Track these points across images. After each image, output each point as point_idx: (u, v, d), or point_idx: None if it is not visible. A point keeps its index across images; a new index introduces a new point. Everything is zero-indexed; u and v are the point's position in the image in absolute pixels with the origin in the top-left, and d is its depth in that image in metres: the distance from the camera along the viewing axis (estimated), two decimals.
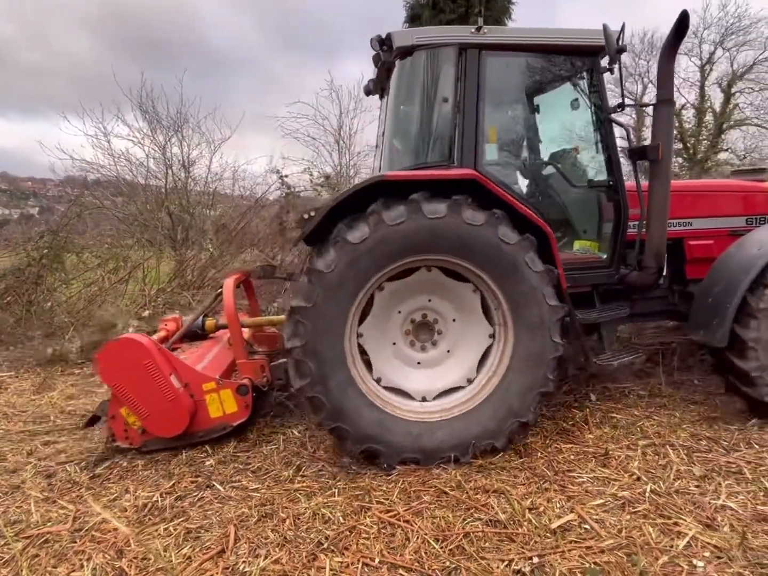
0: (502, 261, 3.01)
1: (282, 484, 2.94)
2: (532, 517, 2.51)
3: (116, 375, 3.21)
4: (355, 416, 3.01)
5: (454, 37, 3.39)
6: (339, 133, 13.27)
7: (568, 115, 3.95)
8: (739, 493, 2.70)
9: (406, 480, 2.92)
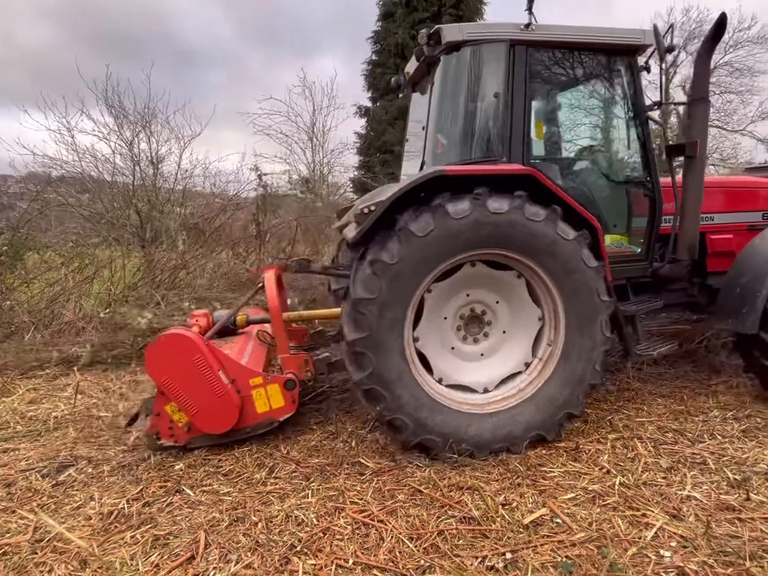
0: (558, 256, 3.07)
1: (254, 486, 2.89)
2: (505, 513, 2.53)
3: (165, 371, 3.13)
4: (413, 408, 3.03)
5: (504, 33, 3.39)
6: (312, 131, 13.19)
7: (605, 112, 4.04)
8: (704, 484, 2.78)
9: (381, 479, 2.91)
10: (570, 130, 4.22)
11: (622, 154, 4.07)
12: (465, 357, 3.38)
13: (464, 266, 3.20)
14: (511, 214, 2.94)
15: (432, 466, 3.02)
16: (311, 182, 11.33)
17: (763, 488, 2.71)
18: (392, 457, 3.19)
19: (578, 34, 3.51)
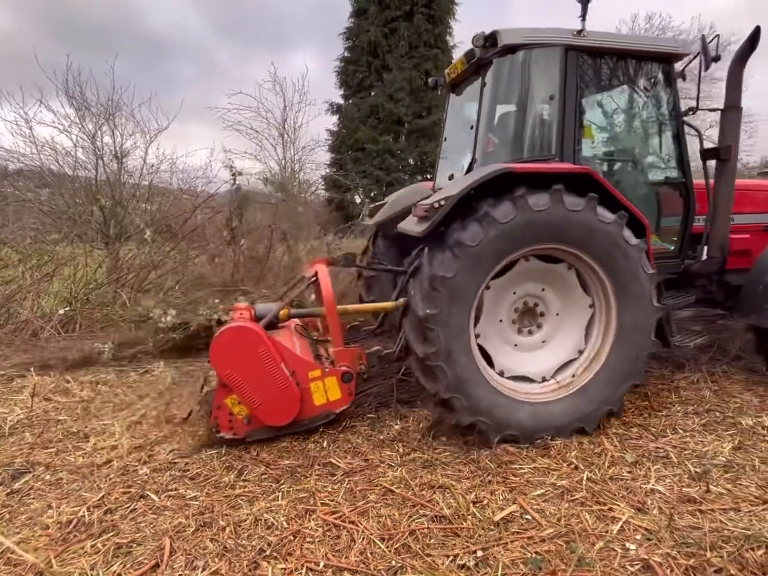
0: (619, 258, 3.25)
1: (222, 490, 2.82)
2: (476, 511, 2.55)
3: (230, 363, 3.13)
4: (471, 389, 3.16)
5: (559, 38, 3.57)
6: (283, 127, 13.02)
7: (644, 116, 4.20)
8: (667, 477, 2.86)
9: (352, 480, 2.89)
10: (611, 131, 4.39)
11: (658, 156, 4.23)
12: (521, 347, 3.57)
13: (519, 262, 3.37)
14: (583, 212, 3.13)
15: (404, 466, 3.02)
16: (287, 188, 11.19)
17: (722, 480, 2.81)
18: (364, 456, 3.17)
19: (624, 41, 3.78)
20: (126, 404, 4.02)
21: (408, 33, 14.18)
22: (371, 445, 3.31)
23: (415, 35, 14.20)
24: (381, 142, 14.22)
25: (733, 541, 2.22)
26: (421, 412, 3.80)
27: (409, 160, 15.03)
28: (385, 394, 4.14)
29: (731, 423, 3.50)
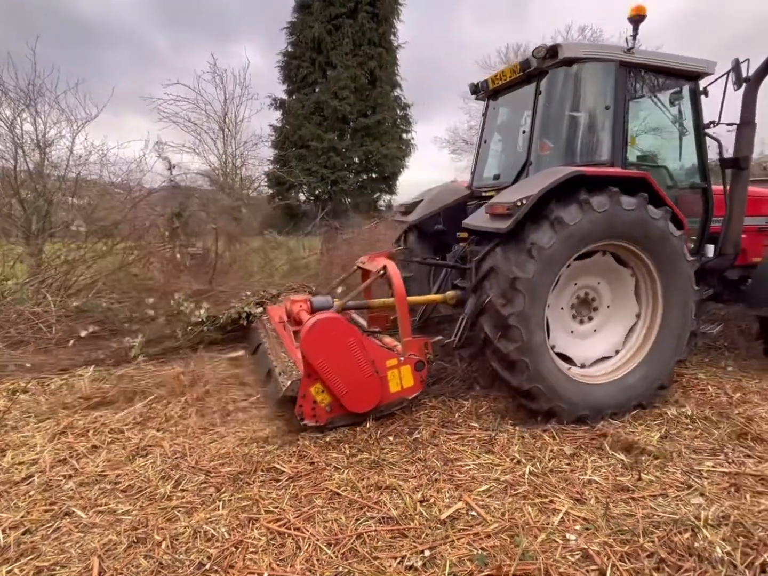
0: (667, 249, 3.68)
1: (157, 502, 2.66)
2: (423, 510, 2.55)
3: (321, 352, 3.26)
4: (549, 377, 3.48)
5: (613, 54, 3.97)
6: (224, 120, 12.57)
7: (673, 126, 4.53)
8: (602, 467, 2.99)
9: (298, 484, 2.81)
10: (647, 140, 4.71)
11: (683, 163, 4.64)
12: (569, 331, 3.91)
13: (597, 254, 3.76)
14: (638, 211, 3.51)
15: (350, 467, 2.98)
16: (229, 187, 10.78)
17: (652, 468, 2.97)
18: (310, 460, 3.09)
19: (662, 59, 4.19)
20: (48, 414, 3.72)
21: (352, 31, 14.11)
22: (317, 448, 3.24)
23: (360, 33, 14.15)
24: (326, 140, 14.07)
25: (663, 526, 2.35)
26: None
27: (354, 158, 14.97)
28: None
29: (658, 413, 3.72)
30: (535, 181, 3.61)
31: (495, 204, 3.57)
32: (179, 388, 4.11)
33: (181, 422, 3.63)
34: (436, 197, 5.08)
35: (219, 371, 4.57)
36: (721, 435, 3.35)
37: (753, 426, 3.44)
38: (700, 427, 3.49)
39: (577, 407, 3.55)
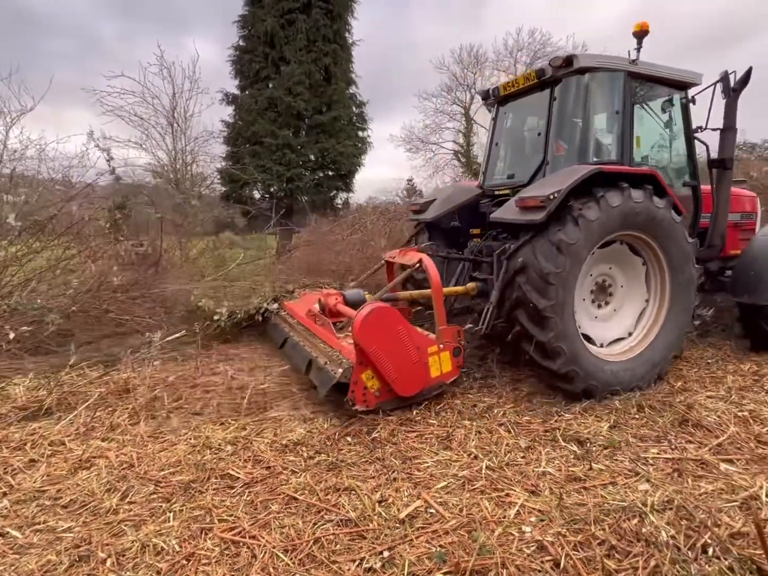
0: (670, 233, 4.13)
1: (102, 517, 2.52)
2: (381, 510, 2.53)
3: (375, 340, 3.44)
4: (582, 359, 3.83)
5: (621, 65, 4.39)
6: (173, 115, 12.09)
7: (667, 130, 4.98)
8: (555, 459, 3.07)
9: (253, 490, 2.73)
10: (645, 142, 4.97)
11: (676, 163, 5.09)
12: (590, 314, 4.28)
13: (614, 243, 4.16)
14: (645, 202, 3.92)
15: (308, 470, 2.92)
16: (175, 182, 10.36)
17: (602, 457, 3.08)
18: (266, 464, 3.02)
19: (660, 70, 4.64)
20: None
21: (306, 26, 13.88)
22: (274, 452, 3.17)
23: (314, 29, 13.95)
24: (280, 137, 13.79)
25: (613, 514, 2.43)
26: (328, 413, 3.73)
27: (309, 155, 14.76)
28: (291, 396, 4.01)
29: (606, 404, 3.86)
30: (559, 177, 3.95)
31: (527, 198, 3.87)
32: (126, 393, 3.92)
33: (129, 430, 3.46)
34: (450, 196, 5.42)
35: (173, 373, 4.38)
36: (665, 423, 3.51)
37: (693, 413, 3.62)
38: (646, 416, 3.64)
39: (609, 384, 3.94)
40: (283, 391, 4.11)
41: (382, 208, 13.07)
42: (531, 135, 5.10)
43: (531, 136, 5.10)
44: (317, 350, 4.12)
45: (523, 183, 4.71)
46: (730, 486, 2.70)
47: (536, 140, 4.84)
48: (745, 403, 3.83)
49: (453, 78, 28.04)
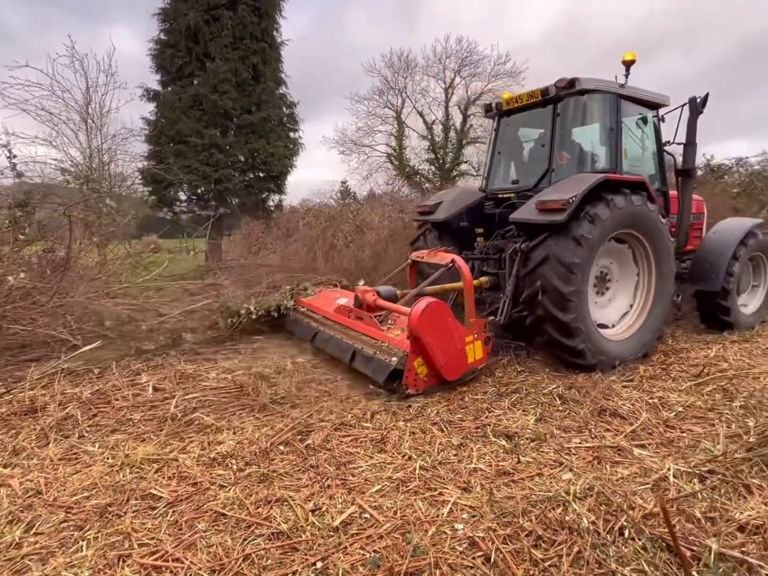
0: (657, 233, 5.00)
1: (2, 552, 2.27)
2: (315, 520, 2.47)
3: (430, 330, 3.87)
4: (594, 338, 4.57)
5: (613, 88, 5.13)
6: (87, 111, 11.27)
7: (642, 143, 5.66)
8: (486, 454, 3.15)
9: (178, 509, 2.58)
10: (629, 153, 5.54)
11: (650, 172, 5.77)
12: (595, 301, 4.93)
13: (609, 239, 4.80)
14: (642, 206, 4.75)
15: (237, 484, 2.80)
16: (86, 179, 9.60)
17: (529, 450, 3.20)
18: (192, 480, 2.86)
19: (640, 92, 5.39)
20: None
21: (233, 23, 13.42)
22: (201, 466, 3.01)
23: (240, 26, 13.49)
24: (207, 136, 13.22)
25: (539, 504, 2.53)
26: (260, 421, 3.60)
27: (239, 156, 14.28)
28: (220, 405, 3.84)
29: (533, 398, 4.03)
30: (572, 184, 4.58)
31: (548, 201, 4.47)
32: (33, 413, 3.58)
33: (36, 453, 3.17)
34: (457, 198, 5.94)
35: (88, 388, 4.05)
36: (585, 413, 3.72)
37: (610, 402, 3.86)
38: (569, 407, 3.84)
39: (613, 359, 4.67)
40: (211, 401, 3.93)
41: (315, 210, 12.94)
42: (534, 145, 5.78)
43: (534, 146, 5.78)
44: (360, 342, 4.46)
45: (529, 187, 5.38)
46: (643, 469, 2.90)
47: (540, 150, 5.48)
48: (654, 391, 4.14)
49: (384, 81, 28.34)
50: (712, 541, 2.15)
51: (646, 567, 2.05)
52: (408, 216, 10.56)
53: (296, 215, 13.51)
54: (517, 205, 5.16)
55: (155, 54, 14.13)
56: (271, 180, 15.31)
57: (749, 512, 2.39)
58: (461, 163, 28.53)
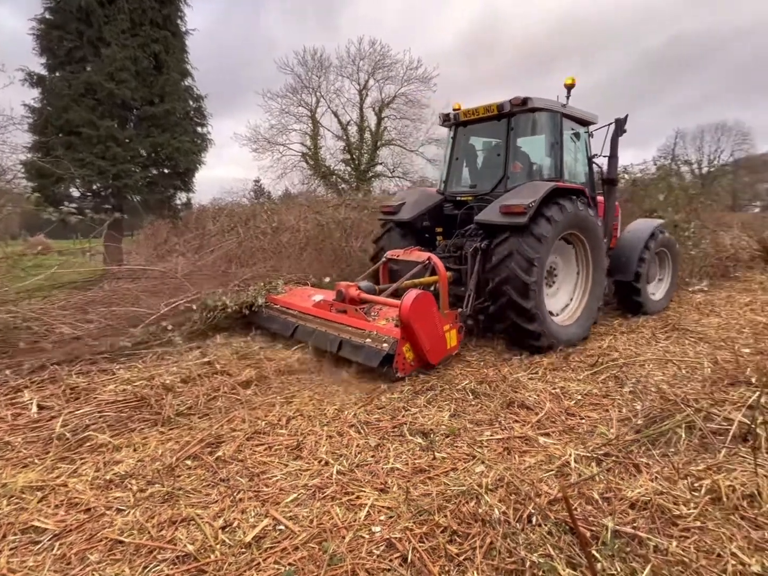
0: (594, 234, 5.77)
1: None
2: (225, 537, 2.33)
3: (419, 318, 4.29)
4: (548, 323, 5.25)
5: (558, 107, 5.88)
6: None
7: (576, 155, 6.45)
8: (403, 453, 3.17)
9: (66, 541, 2.31)
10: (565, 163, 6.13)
11: (582, 180, 6.51)
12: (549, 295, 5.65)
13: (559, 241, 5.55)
14: (585, 210, 5.57)
15: (138, 506, 2.57)
16: None
17: (444, 445, 3.27)
18: (84, 506, 2.58)
19: (577, 111, 6.17)
20: None
21: (130, 7, 12.45)
22: (95, 490, 2.74)
23: (140, 11, 12.54)
24: (102, 128, 12.11)
25: (454, 499, 2.58)
26: (164, 435, 3.34)
27: (140, 150, 13.29)
28: (118, 420, 3.52)
29: (448, 395, 4.13)
30: (528, 190, 5.25)
31: (511, 205, 5.09)
32: None
33: None
34: (419, 200, 6.49)
35: None
36: (496, 406, 3.88)
37: (518, 395, 4.06)
38: (481, 401, 3.99)
39: (561, 342, 5.34)
40: (108, 417, 3.59)
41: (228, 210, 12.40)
42: (489, 154, 6.46)
43: (489, 154, 6.46)
44: (346, 333, 4.73)
45: (486, 192, 6.01)
46: (548, 457, 3.07)
47: (495, 158, 6.15)
48: (557, 382, 4.42)
49: (298, 79, 27.89)
50: (608, 520, 2.31)
51: (552, 551, 2.16)
52: (322, 218, 10.47)
53: (206, 214, 12.88)
54: (475, 208, 5.92)
55: (39, 35, 12.74)
56: (177, 177, 14.42)
57: (639, 490, 2.61)
58: (377, 165, 28.86)
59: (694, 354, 5.11)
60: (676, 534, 2.28)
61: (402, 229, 6.49)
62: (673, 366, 4.72)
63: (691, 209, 11.22)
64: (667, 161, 16.31)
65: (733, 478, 2.68)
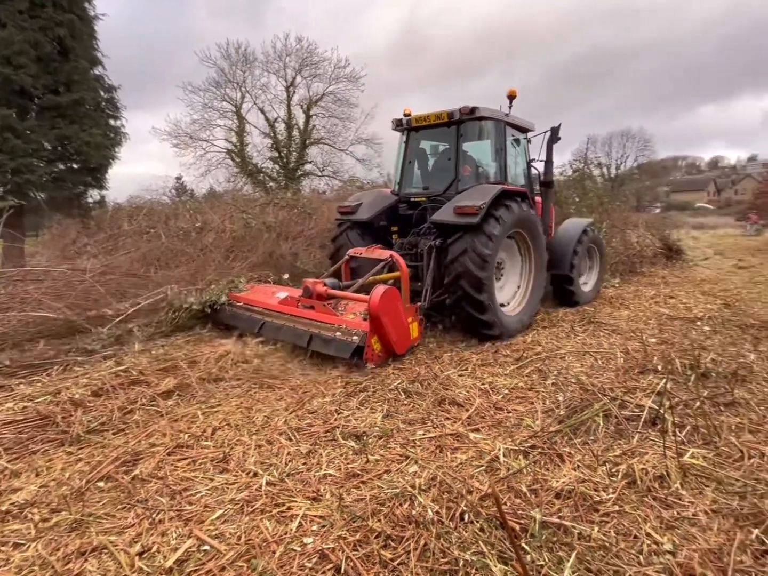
0: (535, 231, 6.34)
1: None
2: (143, 565, 2.15)
3: (387, 312, 4.62)
4: (498, 313, 5.72)
5: (501, 116, 6.45)
6: None
7: (517, 159, 7.04)
8: (336, 458, 3.10)
9: None
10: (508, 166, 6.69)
11: (522, 183, 7.09)
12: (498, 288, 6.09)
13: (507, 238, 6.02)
14: (528, 210, 6.14)
15: (39, 539, 2.31)
16: None
17: (377, 447, 3.23)
18: None
19: (517, 119, 6.79)
20: None
21: None
22: None
23: None
24: None
25: (388, 503, 2.55)
26: (73, 456, 3.04)
27: (43, 143, 12.18)
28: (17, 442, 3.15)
29: (380, 395, 4.11)
30: (479, 193, 5.70)
31: (464, 206, 5.49)
32: None
33: None
34: (375, 200, 6.82)
35: None
36: (428, 404, 3.91)
37: (449, 392, 4.12)
38: (413, 400, 4.00)
39: (509, 330, 5.82)
40: (5, 439, 3.22)
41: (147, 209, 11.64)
42: (440, 158, 6.91)
43: (440, 158, 6.91)
44: (315, 327, 4.87)
45: (439, 193, 6.44)
46: (479, 452, 3.13)
47: (446, 162, 6.58)
48: (485, 377, 4.54)
49: (221, 73, 26.83)
50: (536, 512, 2.39)
51: (484, 548, 2.19)
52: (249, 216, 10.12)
53: (122, 213, 12.03)
54: (428, 208, 6.34)
55: None
56: (87, 172, 13.38)
57: (563, 479, 2.72)
58: (306, 163, 28.43)
59: (608, 345, 5.46)
60: (597, 520, 2.39)
61: (360, 229, 6.76)
62: (590, 357, 5.01)
63: (603, 210, 12.06)
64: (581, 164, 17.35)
65: (646, 461, 2.87)
